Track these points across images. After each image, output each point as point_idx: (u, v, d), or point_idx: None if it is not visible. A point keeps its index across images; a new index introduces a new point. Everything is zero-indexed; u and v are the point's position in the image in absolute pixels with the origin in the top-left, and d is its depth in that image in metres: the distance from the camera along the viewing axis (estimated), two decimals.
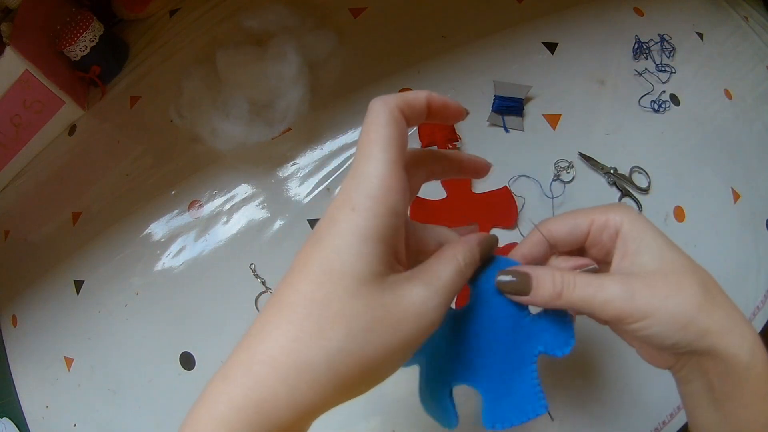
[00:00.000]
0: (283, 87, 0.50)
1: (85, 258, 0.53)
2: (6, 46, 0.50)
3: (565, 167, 0.50)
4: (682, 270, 0.25)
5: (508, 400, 0.27)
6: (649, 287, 0.24)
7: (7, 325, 0.55)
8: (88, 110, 0.61)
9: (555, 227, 0.28)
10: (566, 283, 0.25)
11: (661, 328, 0.24)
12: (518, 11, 0.57)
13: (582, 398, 0.44)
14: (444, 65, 0.54)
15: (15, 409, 0.52)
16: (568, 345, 0.26)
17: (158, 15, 0.63)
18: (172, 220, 0.52)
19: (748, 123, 0.57)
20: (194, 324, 0.48)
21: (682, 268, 0.25)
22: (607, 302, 0.24)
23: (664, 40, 0.56)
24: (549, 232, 0.28)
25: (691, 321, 0.24)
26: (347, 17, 0.57)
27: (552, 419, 0.43)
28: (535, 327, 0.27)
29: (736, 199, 0.52)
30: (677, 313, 0.24)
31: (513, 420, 0.27)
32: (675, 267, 0.25)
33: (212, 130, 0.51)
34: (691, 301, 0.24)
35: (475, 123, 0.51)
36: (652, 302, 0.24)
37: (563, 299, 0.25)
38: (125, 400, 0.48)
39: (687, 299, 0.24)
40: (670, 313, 0.24)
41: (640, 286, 0.24)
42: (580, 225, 0.28)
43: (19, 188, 0.61)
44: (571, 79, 0.53)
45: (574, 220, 0.28)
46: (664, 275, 0.25)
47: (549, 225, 0.28)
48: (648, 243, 0.26)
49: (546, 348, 0.27)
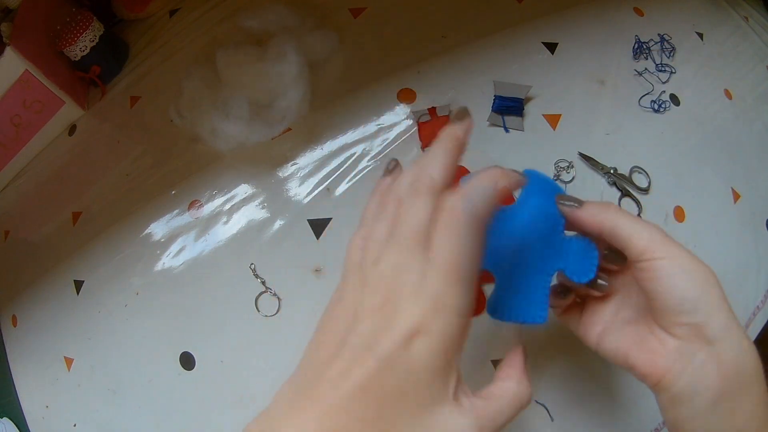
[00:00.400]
0: (283, 87, 0.50)
1: (85, 258, 0.53)
2: (6, 46, 0.50)
3: (565, 167, 0.50)
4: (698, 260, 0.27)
5: (516, 298, 0.29)
6: (678, 250, 0.27)
7: (7, 325, 0.55)
8: (88, 110, 0.61)
9: (616, 228, 0.28)
10: (610, 208, 0.28)
11: (677, 273, 0.26)
12: (518, 11, 0.57)
13: (582, 398, 0.44)
14: (444, 65, 0.54)
15: (15, 409, 0.52)
16: (587, 276, 0.29)
17: (158, 15, 0.63)
18: (172, 220, 0.52)
19: (748, 123, 0.57)
20: (194, 324, 0.48)
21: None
22: (639, 233, 0.26)
23: (664, 40, 0.56)
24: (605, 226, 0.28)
25: (704, 291, 0.26)
26: (347, 17, 0.57)
27: (552, 419, 0.43)
28: (564, 246, 0.29)
29: (736, 199, 0.52)
30: (695, 273, 0.26)
31: (512, 317, 0.29)
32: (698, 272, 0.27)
33: (212, 130, 0.51)
34: (706, 281, 0.26)
35: (475, 123, 0.50)
36: (678, 252, 0.26)
37: (605, 214, 0.27)
38: (125, 400, 0.48)
39: (702, 281, 0.26)
40: (689, 267, 0.26)
41: (671, 244, 0.26)
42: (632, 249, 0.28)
43: (19, 188, 0.61)
44: (571, 79, 0.53)
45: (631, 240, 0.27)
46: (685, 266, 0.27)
47: (609, 221, 0.28)
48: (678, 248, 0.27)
49: (566, 268, 0.29)
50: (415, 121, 0.51)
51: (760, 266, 0.51)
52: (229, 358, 0.47)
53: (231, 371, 0.46)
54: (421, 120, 0.50)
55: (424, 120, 0.50)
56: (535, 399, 0.43)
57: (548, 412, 0.43)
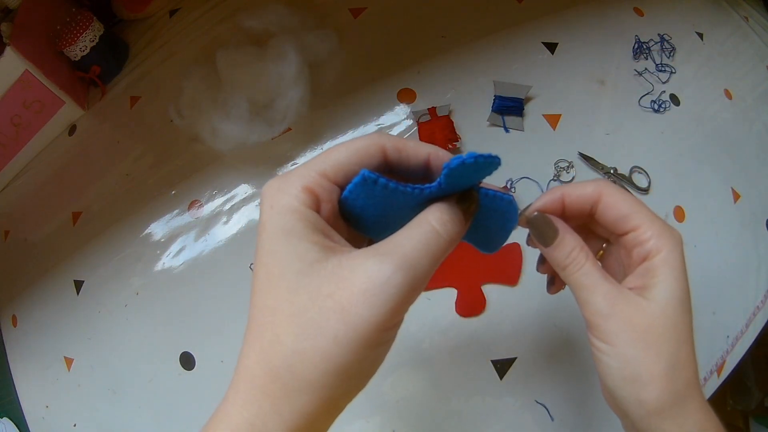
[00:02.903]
0: (283, 87, 0.50)
1: (85, 258, 0.53)
2: (6, 46, 0.50)
3: (565, 167, 0.50)
4: (670, 337, 0.24)
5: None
6: (628, 326, 0.24)
7: (7, 325, 0.55)
8: (88, 110, 0.61)
9: (602, 212, 0.27)
10: (576, 262, 0.26)
11: (615, 365, 0.25)
12: (518, 11, 0.57)
13: (582, 398, 0.44)
14: (444, 65, 0.54)
15: (15, 409, 0.52)
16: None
17: (158, 15, 0.63)
18: (172, 220, 0.52)
19: (748, 123, 0.57)
20: (194, 324, 0.48)
21: (672, 334, 0.24)
22: (587, 304, 0.25)
23: (664, 40, 0.56)
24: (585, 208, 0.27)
25: (641, 388, 0.24)
26: (347, 17, 0.57)
27: (552, 419, 0.43)
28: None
29: (736, 199, 0.52)
30: (632, 367, 0.24)
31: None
32: (667, 328, 0.24)
33: (212, 130, 0.51)
34: (651, 370, 0.24)
35: (475, 123, 0.51)
36: (620, 338, 0.24)
37: (564, 272, 0.26)
38: (125, 400, 0.48)
39: (650, 366, 0.24)
40: (628, 359, 0.24)
41: (621, 317, 0.24)
42: (623, 227, 0.26)
43: (19, 188, 0.61)
44: (571, 79, 0.53)
45: (622, 214, 0.26)
46: (648, 328, 0.24)
47: (594, 202, 0.27)
48: (668, 286, 0.25)
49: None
50: (415, 121, 0.51)
51: (760, 266, 0.51)
52: (229, 358, 0.47)
53: (231, 371, 0.46)
54: (421, 120, 0.50)
55: (424, 120, 0.50)
56: (535, 399, 0.43)
57: (548, 412, 0.43)
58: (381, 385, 0.44)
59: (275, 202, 0.21)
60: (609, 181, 0.28)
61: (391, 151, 0.23)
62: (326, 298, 0.20)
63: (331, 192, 0.22)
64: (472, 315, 0.45)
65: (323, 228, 0.22)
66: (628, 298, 0.25)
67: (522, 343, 0.45)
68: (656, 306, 0.24)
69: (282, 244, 0.21)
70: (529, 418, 0.43)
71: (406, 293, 0.20)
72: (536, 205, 0.28)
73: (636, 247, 0.26)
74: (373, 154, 0.23)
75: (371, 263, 0.20)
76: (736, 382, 0.80)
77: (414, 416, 0.43)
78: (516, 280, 0.46)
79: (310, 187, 0.21)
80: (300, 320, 0.20)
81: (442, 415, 0.43)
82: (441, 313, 0.45)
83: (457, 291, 0.46)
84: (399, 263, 0.20)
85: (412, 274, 0.20)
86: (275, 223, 0.21)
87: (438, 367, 0.45)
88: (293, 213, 0.21)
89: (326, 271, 0.20)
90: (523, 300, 0.46)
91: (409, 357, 0.45)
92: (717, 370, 0.48)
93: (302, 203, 0.21)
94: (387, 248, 0.21)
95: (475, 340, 0.45)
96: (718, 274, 0.49)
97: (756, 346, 0.49)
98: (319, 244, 0.21)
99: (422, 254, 0.21)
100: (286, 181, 0.22)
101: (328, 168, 0.22)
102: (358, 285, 0.20)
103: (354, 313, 0.19)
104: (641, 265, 0.26)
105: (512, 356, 0.44)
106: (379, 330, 0.20)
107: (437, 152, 0.24)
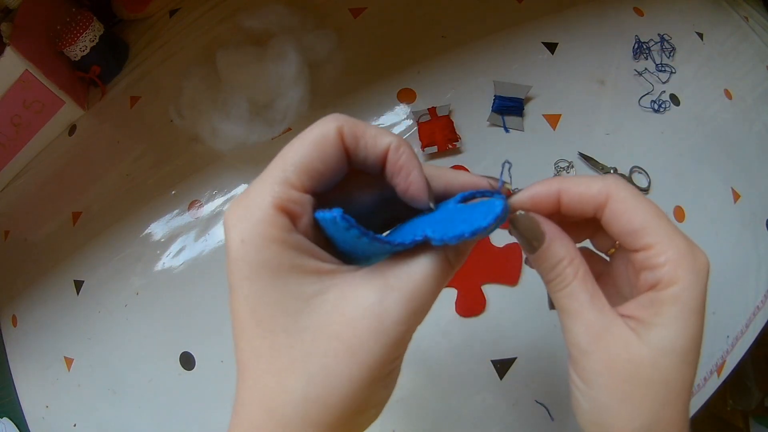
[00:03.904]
0: (283, 87, 0.50)
1: (85, 258, 0.53)
2: (6, 46, 0.50)
3: (565, 167, 0.50)
4: (656, 393, 0.20)
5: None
6: (608, 368, 0.20)
7: (7, 325, 0.55)
8: (88, 110, 0.61)
9: (609, 221, 0.22)
10: (561, 278, 0.21)
11: (586, 406, 0.21)
12: (518, 11, 0.57)
13: None
14: (444, 65, 0.54)
15: (15, 409, 0.52)
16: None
17: (158, 15, 0.63)
18: (172, 220, 0.52)
19: (748, 123, 0.57)
20: (194, 324, 0.48)
21: (659, 390, 0.20)
22: (568, 332, 0.22)
23: (664, 40, 0.56)
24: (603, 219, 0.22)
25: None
26: (347, 17, 0.57)
27: (552, 419, 0.43)
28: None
29: (736, 199, 0.52)
30: (603, 417, 0.21)
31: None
32: (654, 382, 0.20)
33: (212, 130, 0.51)
34: (622, 427, 0.20)
35: (475, 123, 0.51)
36: (596, 380, 0.21)
37: (547, 287, 0.22)
38: (125, 400, 0.48)
39: (622, 422, 0.20)
40: (600, 406, 0.21)
41: (603, 356, 0.20)
42: (633, 243, 0.21)
43: (19, 188, 0.61)
44: (571, 79, 0.53)
45: (633, 228, 0.21)
46: (631, 377, 0.20)
47: (612, 213, 0.22)
48: (671, 332, 0.20)
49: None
50: (415, 121, 0.51)
51: (760, 266, 0.51)
52: (229, 358, 0.46)
53: (231, 371, 0.46)
54: (421, 120, 0.50)
55: (424, 120, 0.50)
56: (535, 399, 0.43)
57: (548, 412, 0.43)
58: None
59: (246, 234, 0.18)
60: (620, 180, 0.22)
61: (349, 137, 0.20)
62: (332, 338, 0.18)
63: (304, 203, 0.19)
64: (472, 315, 0.45)
65: (310, 250, 0.19)
66: (616, 335, 0.20)
67: (522, 343, 0.45)
68: (648, 353, 0.20)
69: (270, 284, 0.18)
70: (529, 418, 0.43)
71: (414, 325, 0.19)
72: (520, 197, 0.23)
73: (645, 271, 0.21)
74: (332, 141, 0.19)
75: (377, 298, 0.18)
76: (736, 382, 0.80)
77: (414, 416, 0.43)
78: (516, 280, 0.46)
79: (280, 204, 0.18)
80: (307, 366, 0.18)
81: (442, 415, 0.43)
82: (441, 313, 0.45)
83: (457, 291, 0.46)
84: (409, 297, 0.18)
85: (423, 307, 0.19)
86: (254, 259, 0.18)
87: (438, 367, 0.45)
88: (273, 243, 0.18)
89: (328, 306, 0.18)
90: (523, 300, 0.45)
91: (409, 357, 0.44)
92: (717, 370, 0.48)
93: (280, 228, 0.18)
94: (395, 279, 0.19)
95: (475, 340, 0.45)
96: (718, 274, 0.48)
97: (756, 346, 0.49)
98: (312, 272, 0.19)
99: (432, 286, 0.19)
100: (250, 204, 0.18)
101: (290, 174, 0.19)
102: (366, 324, 0.18)
103: (364, 352, 0.18)
104: (647, 293, 0.21)
105: (512, 356, 0.44)
106: (390, 362, 0.19)
107: (398, 148, 0.20)
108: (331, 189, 0.21)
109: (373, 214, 0.23)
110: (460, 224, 0.18)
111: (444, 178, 0.22)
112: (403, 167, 0.20)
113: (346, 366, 0.18)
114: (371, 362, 0.18)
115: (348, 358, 0.18)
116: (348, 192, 0.22)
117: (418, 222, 0.21)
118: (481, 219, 0.18)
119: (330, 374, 0.18)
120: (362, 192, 0.22)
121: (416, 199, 0.20)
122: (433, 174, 0.22)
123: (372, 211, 0.22)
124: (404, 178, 0.20)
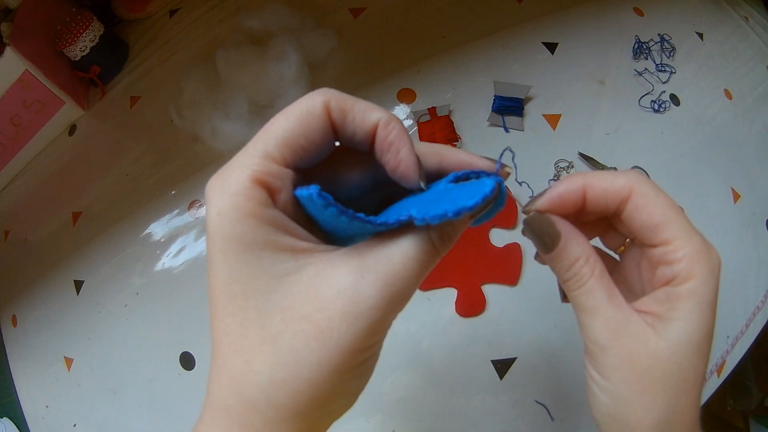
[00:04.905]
0: (283, 87, 0.50)
1: (85, 258, 0.53)
2: (6, 46, 0.50)
3: (565, 167, 0.50)
4: (673, 385, 0.21)
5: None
6: (627, 362, 0.21)
7: (7, 325, 0.55)
8: (88, 110, 0.61)
9: (629, 215, 0.22)
10: (578, 277, 0.22)
11: (605, 400, 0.22)
12: (518, 11, 0.57)
13: (582, 398, 0.44)
14: (444, 65, 0.54)
15: (15, 409, 0.52)
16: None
17: (158, 15, 0.63)
18: (172, 220, 0.52)
19: (748, 123, 0.57)
20: (194, 324, 0.48)
21: (676, 382, 0.21)
22: (586, 328, 0.22)
23: (664, 40, 0.56)
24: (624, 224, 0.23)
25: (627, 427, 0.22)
26: (347, 17, 0.57)
27: (552, 419, 0.43)
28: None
29: (736, 199, 0.52)
30: (622, 409, 0.21)
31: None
32: (671, 374, 0.21)
33: (212, 130, 0.51)
34: (641, 418, 0.21)
35: (475, 123, 0.51)
36: (615, 374, 0.21)
37: (564, 286, 0.23)
38: (125, 400, 0.48)
39: (641, 413, 0.21)
40: (620, 399, 0.21)
41: (622, 351, 0.21)
42: (652, 238, 0.22)
43: (19, 188, 0.61)
44: (571, 79, 0.53)
45: (653, 222, 0.22)
46: (649, 370, 0.21)
47: (632, 216, 0.22)
48: (687, 325, 0.21)
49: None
50: (415, 121, 0.51)
51: (760, 266, 0.51)
52: None
53: None
54: (421, 120, 0.50)
55: (424, 120, 0.50)
56: (535, 399, 0.43)
57: (548, 412, 0.43)
58: (381, 385, 0.44)
59: (223, 207, 0.18)
60: (642, 175, 0.22)
61: (336, 112, 0.19)
62: (302, 320, 0.17)
63: (284, 177, 0.18)
64: (472, 315, 0.45)
65: (287, 226, 0.18)
66: (634, 330, 0.21)
67: (522, 343, 0.45)
68: (665, 347, 0.21)
69: (242, 259, 0.17)
70: (529, 418, 0.43)
71: (392, 312, 0.18)
72: (548, 196, 0.23)
73: (662, 266, 0.22)
74: (317, 115, 0.19)
75: (352, 279, 0.17)
76: (736, 382, 0.80)
77: (414, 416, 0.43)
78: (516, 280, 0.46)
79: (259, 177, 0.18)
80: (275, 347, 0.17)
81: (442, 415, 0.43)
82: (441, 313, 0.45)
83: (457, 291, 0.46)
84: (386, 281, 0.18)
85: (402, 293, 0.18)
86: (228, 233, 0.17)
87: (438, 367, 0.45)
88: (248, 217, 0.17)
89: (301, 285, 0.18)
90: (523, 300, 0.45)
91: (409, 357, 0.45)
92: (717, 370, 0.48)
93: (256, 201, 0.18)
94: (373, 260, 0.18)
95: (475, 340, 0.45)
96: None
97: (756, 346, 0.49)
98: (286, 249, 0.18)
99: (414, 271, 0.18)
100: (229, 176, 0.18)
101: (271, 148, 0.18)
102: (339, 307, 0.17)
103: (336, 338, 0.17)
104: (663, 288, 0.22)
105: (512, 356, 0.44)
106: (363, 350, 0.18)
107: (388, 124, 0.19)
108: (319, 166, 0.20)
109: (367, 194, 0.22)
110: (445, 203, 0.17)
111: (438, 156, 0.21)
112: (392, 144, 0.19)
113: (315, 350, 0.17)
114: (342, 348, 0.17)
115: (317, 342, 0.17)
116: (335, 169, 0.21)
117: (406, 202, 0.20)
118: (468, 198, 0.17)
119: (298, 358, 0.17)
120: (352, 171, 0.21)
121: (406, 178, 0.19)
122: (426, 152, 0.21)
123: (366, 191, 0.22)
124: (393, 156, 0.19)
